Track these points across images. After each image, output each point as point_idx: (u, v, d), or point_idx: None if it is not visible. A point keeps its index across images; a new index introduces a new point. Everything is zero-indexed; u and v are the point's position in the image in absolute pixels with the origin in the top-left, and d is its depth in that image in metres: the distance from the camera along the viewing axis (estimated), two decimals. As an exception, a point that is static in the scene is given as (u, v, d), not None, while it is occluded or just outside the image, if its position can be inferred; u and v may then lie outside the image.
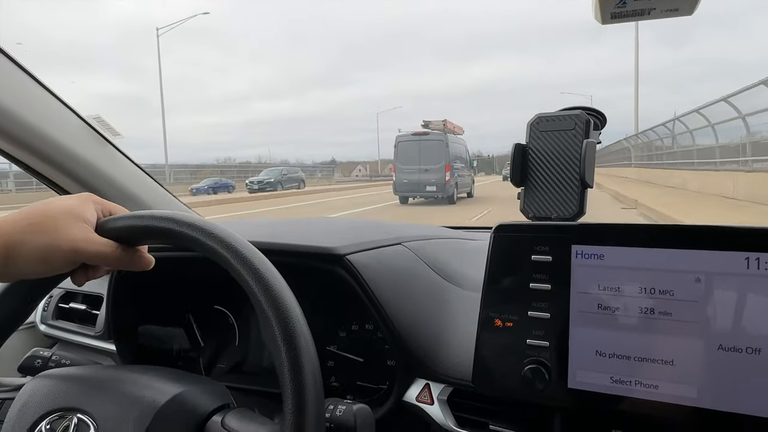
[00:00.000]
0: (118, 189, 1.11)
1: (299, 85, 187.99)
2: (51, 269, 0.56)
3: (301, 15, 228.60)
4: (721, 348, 0.56)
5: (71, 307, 1.20)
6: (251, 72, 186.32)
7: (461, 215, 10.68)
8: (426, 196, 15.40)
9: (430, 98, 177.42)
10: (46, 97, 0.99)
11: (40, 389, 0.59)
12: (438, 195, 15.07)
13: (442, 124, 16.00)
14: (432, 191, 15.00)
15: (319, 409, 0.49)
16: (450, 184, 14.98)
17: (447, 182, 14.89)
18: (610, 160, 31.53)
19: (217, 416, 0.57)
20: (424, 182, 14.98)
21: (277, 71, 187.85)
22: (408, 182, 15.28)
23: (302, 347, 0.50)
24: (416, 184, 15.12)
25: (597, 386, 0.62)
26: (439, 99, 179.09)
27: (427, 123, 16.17)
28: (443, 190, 14.92)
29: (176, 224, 0.55)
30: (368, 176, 63.51)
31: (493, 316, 0.68)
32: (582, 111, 0.76)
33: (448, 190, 14.97)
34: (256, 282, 0.51)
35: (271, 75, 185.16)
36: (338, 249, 0.79)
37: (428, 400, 0.76)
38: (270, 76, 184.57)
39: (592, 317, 0.62)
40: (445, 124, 16.04)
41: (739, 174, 10.86)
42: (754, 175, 10.19)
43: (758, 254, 0.55)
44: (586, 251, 0.63)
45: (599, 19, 0.68)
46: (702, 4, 0.62)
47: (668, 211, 7.95)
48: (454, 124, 17.13)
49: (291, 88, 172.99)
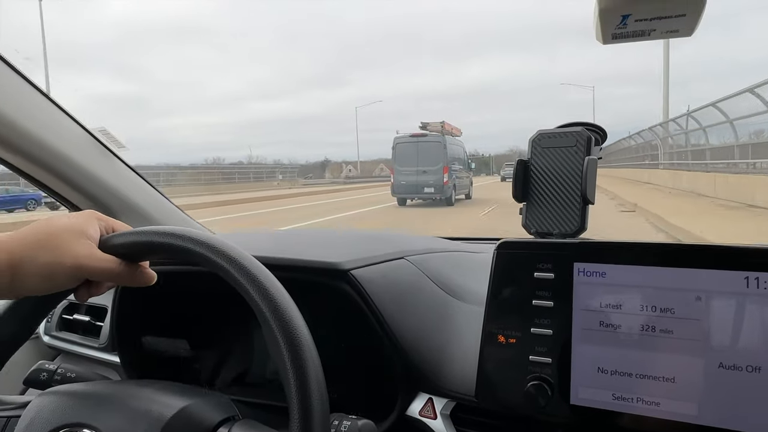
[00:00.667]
0: (123, 202, 1.12)
1: (297, 85, 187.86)
2: (55, 286, 0.57)
3: (299, 15, 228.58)
4: (722, 366, 0.57)
5: (75, 319, 1.20)
6: (249, 72, 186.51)
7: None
8: (424, 198, 15.53)
9: (428, 98, 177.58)
10: (51, 109, 1.00)
11: (47, 405, 0.60)
12: (436, 196, 15.17)
13: (440, 126, 16.09)
14: (430, 193, 15.11)
15: (325, 423, 0.50)
16: (448, 185, 15.09)
17: (445, 184, 15.00)
18: (621, 159, 28.10)
19: (223, 428, 0.58)
20: (422, 184, 15.07)
21: (275, 71, 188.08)
22: (406, 184, 15.36)
23: (308, 362, 0.50)
24: (414, 186, 15.20)
25: (599, 403, 0.62)
26: (438, 99, 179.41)
27: (425, 124, 16.27)
28: (441, 191, 15.02)
29: (178, 239, 0.56)
30: (351, 178, 61.81)
31: (496, 332, 0.69)
32: (583, 128, 0.77)
33: (446, 192, 15.08)
34: (261, 297, 0.52)
35: (269, 75, 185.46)
36: (342, 264, 0.80)
37: (431, 415, 0.77)
38: (268, 76, 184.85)
39: (594, 334, 0.63)
40: (443, 126, 16.13)
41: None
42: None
43: (758, 273, 0.56)
44: (588, 269, 0.64)
45: (600, 39, 0.69)
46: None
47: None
48: (452, 125, 17.29)
49: (289, 89, 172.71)
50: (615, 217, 9.07)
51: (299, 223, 10.21)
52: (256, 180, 38.12)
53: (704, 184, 12.37)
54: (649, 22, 0.65)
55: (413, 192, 15.40)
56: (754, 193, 9.32)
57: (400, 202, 15.87)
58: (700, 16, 0.64)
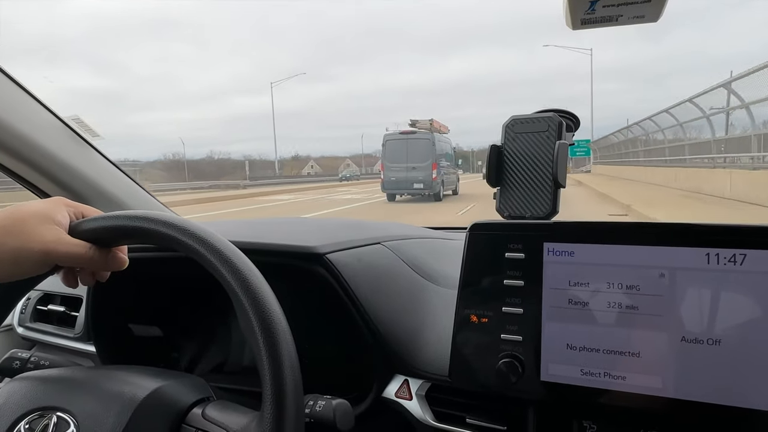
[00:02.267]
0: (96, 189, 1.10)
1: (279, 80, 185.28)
2: (23, 272, 0.56)
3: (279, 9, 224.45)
4: (684, 340, 0.59)
5: (50, 309, 1.19)
6: (230, 66, 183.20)
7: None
8: (413, 193, 15.89)
9: (413, 93, 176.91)
10: (24, 97, 0.99)
11: (18, 390, 0.59)
12: (425, 192, 15.53)
13: (429, 123, 16.52)
14: (419, 188, 15.50)
15: (299, 402, 0.51)
16: (437, 181, 15.50)
17: (434, 180, 15.42)
18: (608, 156, 27.94)
19: (197, 408, 0.58)
20: (411, 180, 15.49)
21: (256, 66, 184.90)
22: (396, 180, 15.76)
23: (281, 343, 0.51)
24: (404, 182, 15.61)
25: (568, 378, 0.64)
26: (423, 94, 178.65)
27: (414, 122, 16.74)
28: (430, 187, 15.41)
29: (150, 222, 0.56)
30: (304, 177, 57.29)
31: (469, 312, 0.70)
32: (555, 113, 0.79)
33: (435, 188, 15.47)
34: (235, 279, 0.52)
35: (250, 70, 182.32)
36: (318, 248, 0.80)
37: (407, 396, 0.78)
38: (249, 71, 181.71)
39: (564, 312, 0.64)
40: (431, 123, 16.55)
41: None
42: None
43: (718, 250, 0.58)
44: (557, 248, 0.65)
45: (569, 24, 0.70)
46: (676, 1, 0.65)
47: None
48: (440, 123, 17.64)
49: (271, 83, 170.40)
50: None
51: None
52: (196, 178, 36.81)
53: (663, 177, 14.60)
54: (617, 7, 0.66)
55: (403, 188, 15.79)
56: (701, 185, 11.15)
57: (390, 197, 16.18)
58: (665, 2, 0.65)
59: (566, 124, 0.80)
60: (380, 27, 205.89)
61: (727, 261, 0.57)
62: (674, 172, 13.78)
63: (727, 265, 0.57)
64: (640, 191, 12.39)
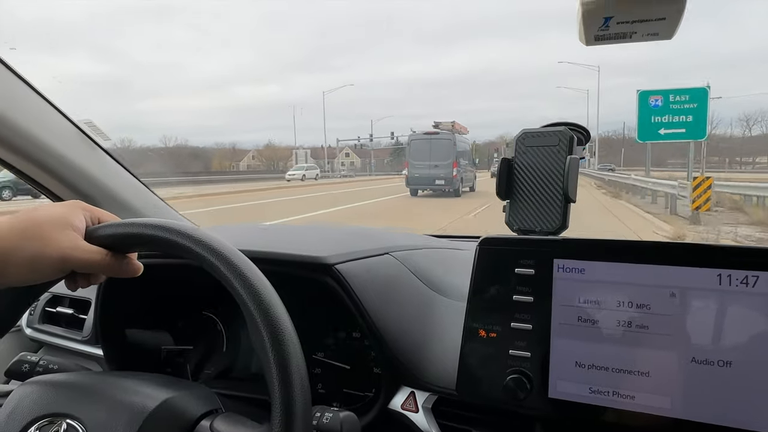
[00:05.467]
0: (108, 194, 1.11)
1: (282, 69, 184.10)
2: (39, 277, 0.57)
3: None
4: (694, 360, 0.58)
5: (58, 311, 1.20)
6: (234, 55, 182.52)
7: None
8: (435, 189, 17.47)
9: (420, 85, 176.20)
10: (38, 101, 1.00)
11: (29, 395, 0.59)
12: (446, 188, 17.15)
13: (451, 125, 18.41)
14: (441, 185, 17.09)
15: (307, 415, 0.51)
16: (456, 178, 17.15)
17: (454, 177, 17.06)
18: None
19: (205, 421, 0.58)
20: (434, 176, 17.07)
21: (260, 55, 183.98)
22: (419, 176, 17.39)
23: (291, 354, 0.51)
24: (427, 178, 17.22)
25: (576, 396, 0.64)
26: (430, 86, 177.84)
27: (437, 123, 18.58)
28: (451, 183, 17.05)
29: (165, 232, 0.57)
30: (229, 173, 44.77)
31: (477, 326, 0.70)
32: (566, 127, 0.79)
33: (455, 184, 17.13)
34: (245, 289, 0.53)
35: (255, 59, 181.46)
36: (327, 258, 0.80)
37: (413, 408, 0.78)
38: (253, 60, 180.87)
39: (573, 329, 0.64)
40: (453, 125, 18.45)
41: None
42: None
43: (729, 271, 0.58)
44: (567, 265, 0.65)
45: (583, 41, 0.70)
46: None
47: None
48: (461, 124, 19.59)
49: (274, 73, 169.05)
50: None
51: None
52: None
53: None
54: (631, 24, 0.67)
55: (426, 183, 17.34)
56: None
57: (413, 192, 17.78)
58: (680, 21, 0.66)
59: (577, 138, 0.80)
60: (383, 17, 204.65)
61: (740, 282, 0.57)
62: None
63: (739, 286, 0.57)
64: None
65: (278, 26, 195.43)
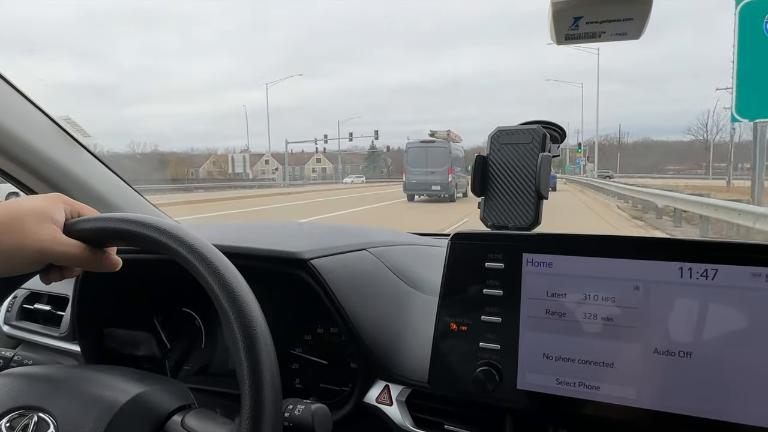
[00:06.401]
0: (86, 190, 1.11)
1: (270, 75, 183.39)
2: (17, 269, 0.57)
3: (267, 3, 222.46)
4: (657, 351, 0.60)
5: (36, 308, 1.19)
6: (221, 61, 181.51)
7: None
8: (431, 194, 18.56)
9: (410, 91, 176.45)
10: (15, 97, 0.99)
11: (1, 387, 0.59)
12: (442, 194, 18.19)
13: (446, 134, 19.81)
14: (437, 190, 18.22)
15: (277, 407, 0.51)
16: (451, 184, 18.14)
17: (449, 183, 18.10)
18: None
19: (177, 416, 0.59)
20: (430, 182, 18.20)
21: (245, 61, 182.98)
22: (416, 182, 18.49)
23: (261, 348, 0.52)
24: (423, 184, 18.35)
25: (544, 387, 0.65)
26: (420, 93, 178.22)
27: (433, 132, 19.99)
28: (446, 189, 18.09)
29: (143, 227, 0.57)
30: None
31: (449, 320, 0.71)
32: (539, 126, 0.80)
33: (450, 190, 18.15)
34: (218, 284, 0.53)
35: (240, 65, 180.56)
36: (302, 254, 0.81)
37: (387, 402, 0.79)
38: (239, 66, 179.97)
39: (541, 322, 0.66)
40: (448, 134, 19.86)
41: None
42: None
43: (691, 264, 0.59)
44: (536, 259, 0.66)
45: (554, 39, 0.72)
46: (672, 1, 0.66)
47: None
48: (455, 133, 20.97)
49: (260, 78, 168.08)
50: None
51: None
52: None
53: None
54: (599, 24, 0.68)
55: (422, 189, 18.45)
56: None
57: (409, 198, 18.93)
58: (647, 21, 0.67)
59: (551, 135, 0.81)
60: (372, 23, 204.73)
61: (700, 275, 0.59)
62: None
63: (699, 279, 0.59)
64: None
65: (262, 32, 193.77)
